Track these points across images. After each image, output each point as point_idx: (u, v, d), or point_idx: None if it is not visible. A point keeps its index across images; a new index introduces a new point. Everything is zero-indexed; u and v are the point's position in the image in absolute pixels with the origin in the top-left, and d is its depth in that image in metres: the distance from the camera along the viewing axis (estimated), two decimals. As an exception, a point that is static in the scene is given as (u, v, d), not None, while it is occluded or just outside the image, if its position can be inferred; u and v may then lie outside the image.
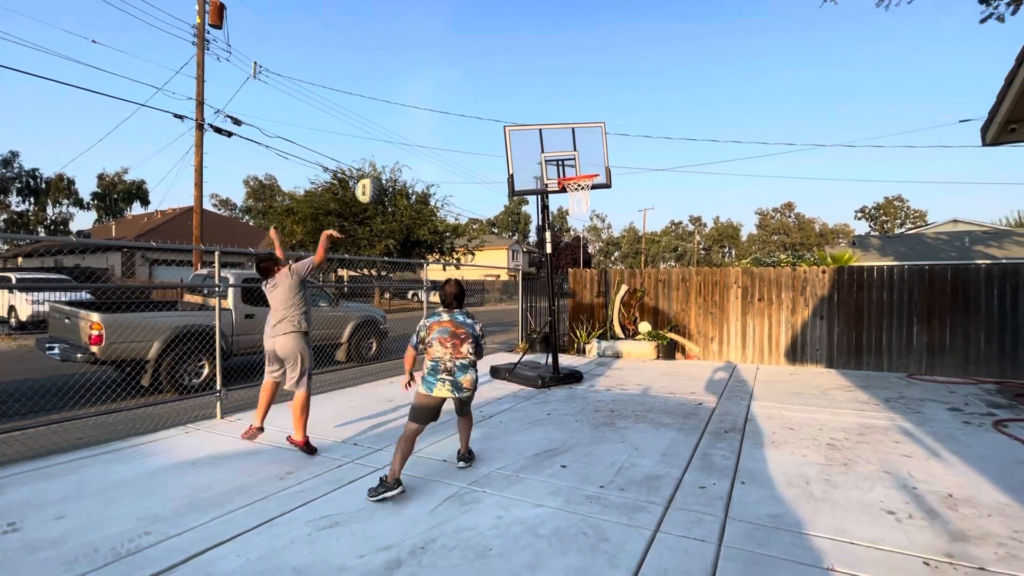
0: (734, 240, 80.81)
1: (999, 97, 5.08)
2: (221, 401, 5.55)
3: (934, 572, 2.51)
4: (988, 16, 11.09)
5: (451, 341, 3.69)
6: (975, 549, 2.72)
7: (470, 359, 3.75)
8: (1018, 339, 7.60)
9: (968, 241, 24.37)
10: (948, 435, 4.75)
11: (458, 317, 3.81)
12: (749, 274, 9.47)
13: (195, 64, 15.44)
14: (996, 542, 2.80)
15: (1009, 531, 2.92)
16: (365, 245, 22.77)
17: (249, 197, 60.54)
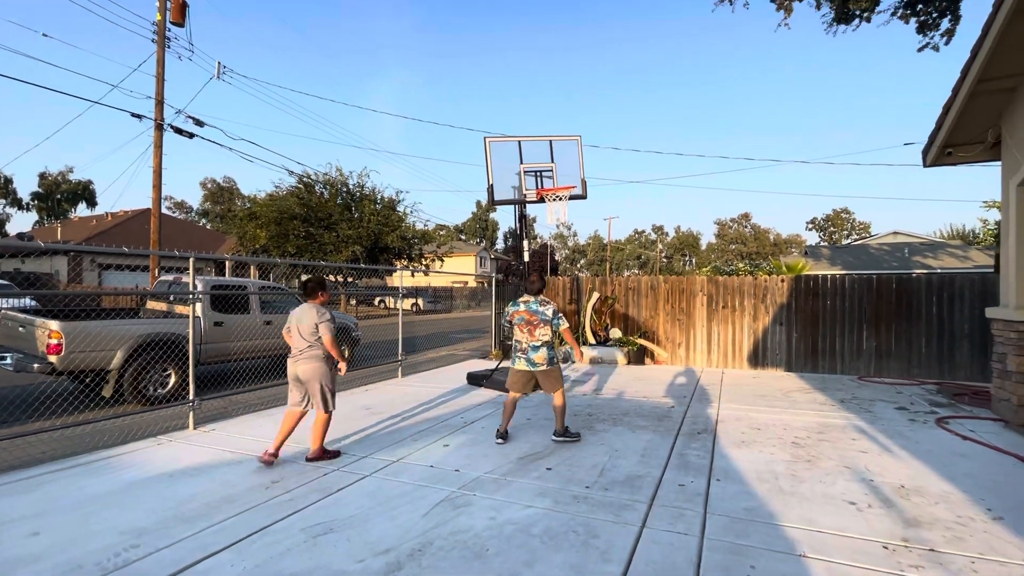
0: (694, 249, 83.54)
1: (937, 123, 5.58)
2: (194, 411, 5.40)
3: (892, 555, 2.76)
4: (925, 45, 12.07)
5: (527, 327, 4.63)
6: (926, 533, 3.01)
7: (542, 340, 4.63)
8: (954, 343, 8.26)
9: (908, 252, 26.14)
10: (897, 432, 5.15)
11: (532, 306, 4.64)
12: (714, 282, 9.91)
13: (155, 62, 14.90)
14: (944, 526, 3.09)
15: (954, 516, 3.23)
16: (331, 251, 22.34)
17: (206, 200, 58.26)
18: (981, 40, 4.82)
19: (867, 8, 11.55)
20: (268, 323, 8.36)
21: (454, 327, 21.84)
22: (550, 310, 4.63)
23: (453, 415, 5.92)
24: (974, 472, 4.01)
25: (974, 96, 5.28)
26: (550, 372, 4.68)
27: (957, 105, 5.39)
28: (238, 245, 24.28)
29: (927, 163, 6.20)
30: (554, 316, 4.64)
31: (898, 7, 11.85)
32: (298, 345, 4.34)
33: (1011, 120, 5.33)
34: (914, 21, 11.81)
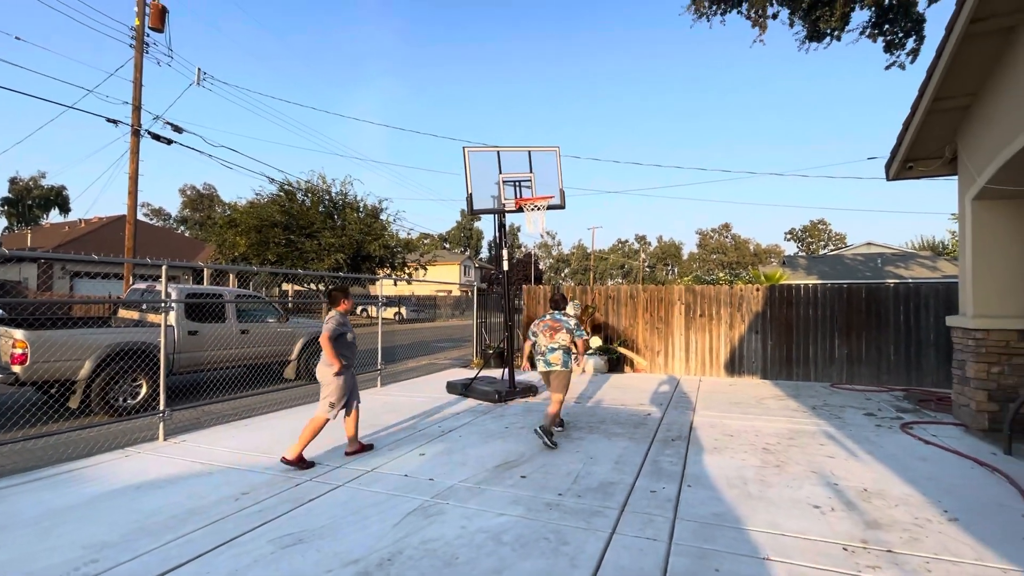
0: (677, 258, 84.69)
1: (899, 139, 5.81)
2: (165, 422, 5.30)
3: (851, 556, 2.84)
4: (892, 63, 12.56)
5: (548, 331, 5.31)
6: (885, 535, 3.10)
7: (559, 344, 5.24)
8: (921, 351, 8.53)
9: (880, 262, 26.89)
10: (864, 437, 5.30)
11: (556, 315, 5.44)
12: (692, 291, 10.08)
13: (132, 67, 14.70)
14: (902, 528, 3.20)
15: (912, 518, 3.34)
16: (313, 259, 22.13)
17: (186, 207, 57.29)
18: (936, 61, 5.06)
19: (837, 27, 11.98)
20: (245, 332, 8.25)
21: (437, 336, 21.75)
22: (572, 322, 5.45)
23: (431, 424, 5.91)
24: (934, 475, 4.15)
25: (931, 113, 5.52)
26: (560, 374, 5.26)
27: (916, 122, 5.63)
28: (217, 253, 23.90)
29: (890, 177, 6.44)
30: (576, 327, 5.45)
31: (866, 27, 12.32)
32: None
33: (965, 137, 5.58)
34: (881, 40, 12.29)
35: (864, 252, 31.05)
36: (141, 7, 14.80)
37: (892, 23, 12.03)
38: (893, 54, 12.39)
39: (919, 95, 5.48)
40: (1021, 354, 5.21)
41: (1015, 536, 3.08)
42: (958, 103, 5.42)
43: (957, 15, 4.68)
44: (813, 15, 12.12)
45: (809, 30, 12.69)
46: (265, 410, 6.70)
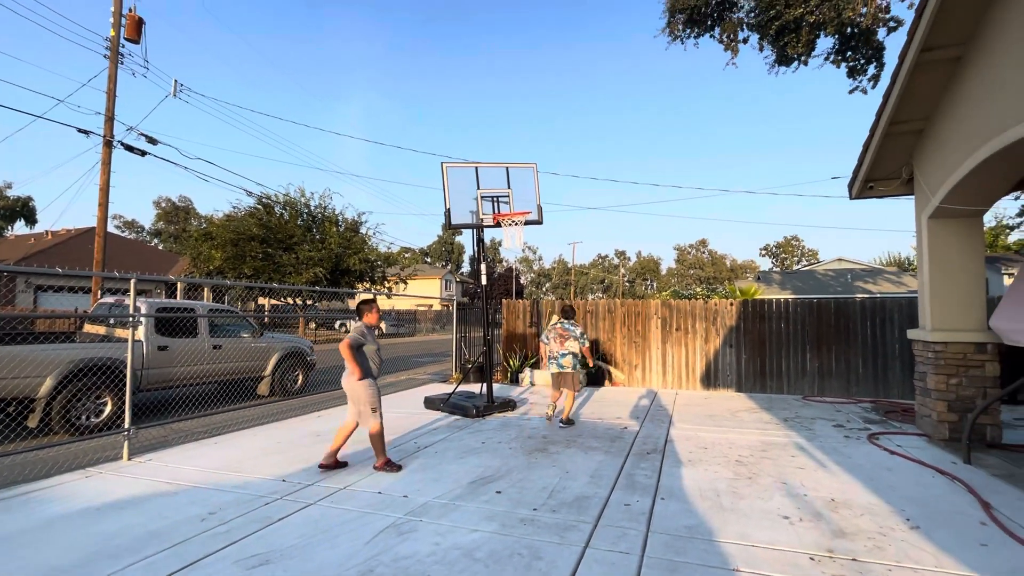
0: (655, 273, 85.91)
1: (859, 160, 6.08)
2: (129, 441, 5.13)
3: (817, 564, 2.90)
4: (855, 88, 13.16)
5: (558, 339, 6.43)
6: (850, 543, 3.17)
7: (569, 350, 6.38)
8: (887, 363, 8.80)
9: (850, 277, 27.75)
10: (833, 448, 5.42)
11: (565, 324, 6.49)
12: (668, 306, 10.24)
13: (106, 77, 14.47)
14: (866, 536, 3.28)
15: (876, 527, 3.43)
16: (291, 273, 21.82)
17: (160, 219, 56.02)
18: (891, 88, 5.33)
19: (803, 53, 12.52)
20: (217, 347, 8.07)
21: (416, 351, 21.55)
22: (578, 330, 6.49)
23: (407, 440, 5.84)
24: (898, 485, 4.27)
25: (888, 136, 5.80)
26: (571, 375, 6.45)
27: (874, 144, 5.90)
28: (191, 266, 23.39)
29: (852, 196, 6.72)
30: (581, 336, 6.47)
31: (831, 53, 12.91)
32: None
33: (920, 158, 5.87)
34: (845, 66, 12.89)
35: (835, 268, 32.01)
36: (117, 18, 14.63)
37: (854, 50, 12.65)
38: (856, 79, 13.00)
39: (876, 119, 5.76)
40: (977, 366, 5.43)
41: (973, 543, 3.18)
42: (912, 127, 5.71)
43: (909, 45, 4.96)
44: (781, 41, 12.66)
45: (778, 55, 13.25)
46: (236, 427, 6.53)
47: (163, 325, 7.48)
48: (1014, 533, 3.28)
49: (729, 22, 13.88)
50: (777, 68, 13.74)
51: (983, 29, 4.61)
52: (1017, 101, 4.11)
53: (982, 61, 4.65)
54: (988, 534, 3.30)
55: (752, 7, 12.93)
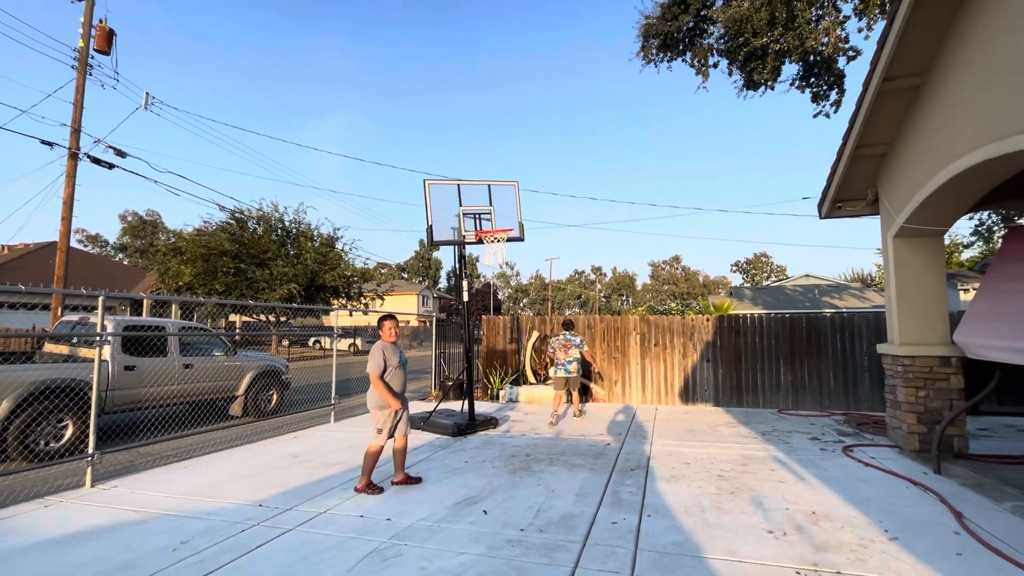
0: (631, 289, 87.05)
1: (828, 182, 6.34)
2: (93, 466, 4.87)
3: (804, 579, 2.94)
4: (819, 112, 13.79)
5: (563, 348, 7.71)
6: (834, 556, 3.23)
7: (573, 357, 7.69)
8: (857, 377, 9.08)
9: (818, 293, 28.67)
10: (810, 461, 5.54)
11: (568, 335, 7.83)
12: (646, 321, 10.37)
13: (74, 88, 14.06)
14: (848, 549, 3.34)
15: (857, 539, 3.50)
16: (264, 289, 21.30)
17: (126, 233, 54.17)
18: (855, 114, 5.61)
19: (769, 78, 13.08)
20: (188, 367, 7.79)
21: (393, 368, 21.20)
22: (578, 339, 7.83)
23: (387, 461, 5.69)
24: (874, 496, 4.37)
25: (854, 160, 6.08)
26: (576, 378, 7.84)
27: (841, 167, 6.18)
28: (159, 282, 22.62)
29: (822, 216, 6.99)
30: (580, 343, 7.79)
31: (795, 79, 13.53)
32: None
33: (884, 180, 6.17)
34: (809, 91, 13.50)
35: (803, 283, 33.05)
36: (87, 29, 14.29)
37: (817, 77, 13.28)
38: (819, 104, 13.63)
39: (843, 143, 6.04)
40: (944, 379, 5.65)
41: (949, 552, 3.28)
42: (876, 151, 6.00)
43: (872, 73, 5.24)
44: (749, 67, 13.21)
45: (746, 79, 13.81)
46: (209, 450, 6.28)
47: (130, 344, 7.19)
48: (986, 542, 3.39)
49: (700, 48, 14.44)
50: (745, 92, 14.32)
51: (939, 61, 4.91)
52: (969, 130, 4.37)
53: (939, 91, 4.94)
54: (962, 543, 3.41)
55: (721, 34, 13.48)
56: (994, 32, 4.13)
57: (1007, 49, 3.95)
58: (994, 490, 4.46)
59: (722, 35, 13.49)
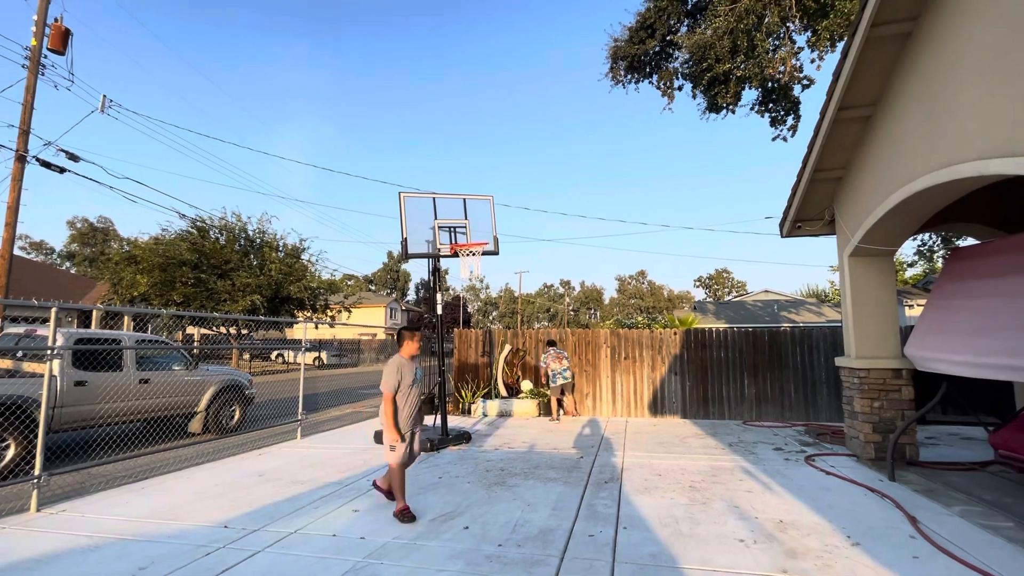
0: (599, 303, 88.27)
1: (788, 203, 6.67)
2: (39, 489, 4.56)
3: (776, 586, 3.03)
4: (776, 136, 14.53)
5: (557, 359, 9.14)
6: (802, 563, 3.35)
7: (567, 365, 9.20)
8: (816, 388, 9.47)
9: (777, 308, 29.82)
10: (776, 471, 5.73)
11: (556, 349, 9.35)
12: (617, 335, 10.55)
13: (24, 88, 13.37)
14: (815, 555, 3.47)
15: (823, 545, 3.64)
16: (226, 300, 20.54)
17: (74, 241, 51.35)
18: (813, 140, 5.96)
19: (731, 102, 13.71)
20: (145, 381, 7.42)
21: (361, 382, 20.75)
22: (565, 352, 9.48)
23: (358, 477, 5.57)
24: (836, 503, 4.56)
25: (812, 182, 6.44)
26: (572, 383, 9.44)
27: (801, 189, 6.53)
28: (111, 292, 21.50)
29: (783, 235, 7.34)
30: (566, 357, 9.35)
31: (755, 104, 14.23)
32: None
33: (840, 202, 6.55)
34: (767, 116, 14.22)
35: (763, 299, 34.34)
36: (40, 27, 13.65)
37: (775, 103, 14.02)
38: (777, 128, 14.37)
39: (803, 166, 6.39)
40: (896, 390, 5.98)
41: (907, 556, 3.45)
42: (833, 175, 6.37)
43: (828, 103, 5.59)
44: (712, 91, 13.82)
45: (709, 103, 14.44)
46: (167, 469, 5.98)
47: (81, 358, 6.80)
48: (939, 545, 3.59)
49: (666, 71, 15.04)
50: (708, 115, 14.97)
51: (888, 94, 5.29)
52: (915, 159, 4.72)
53: (888, 121, 5.32)
54: (918, 547, 3.59)
55: (686, 59, 14.08)
56: (935, 72, 4.49)
57: (946, 89, 4.31)
58: (943, 495, 4.73)
59: (687, 60, 14.09)
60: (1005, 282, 4.60)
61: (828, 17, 11.21)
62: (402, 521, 4.11)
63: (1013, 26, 3.63)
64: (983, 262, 5.10)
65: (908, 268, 33.12)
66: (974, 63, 4.01)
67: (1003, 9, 3.72)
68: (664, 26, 14.18)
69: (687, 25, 14.29)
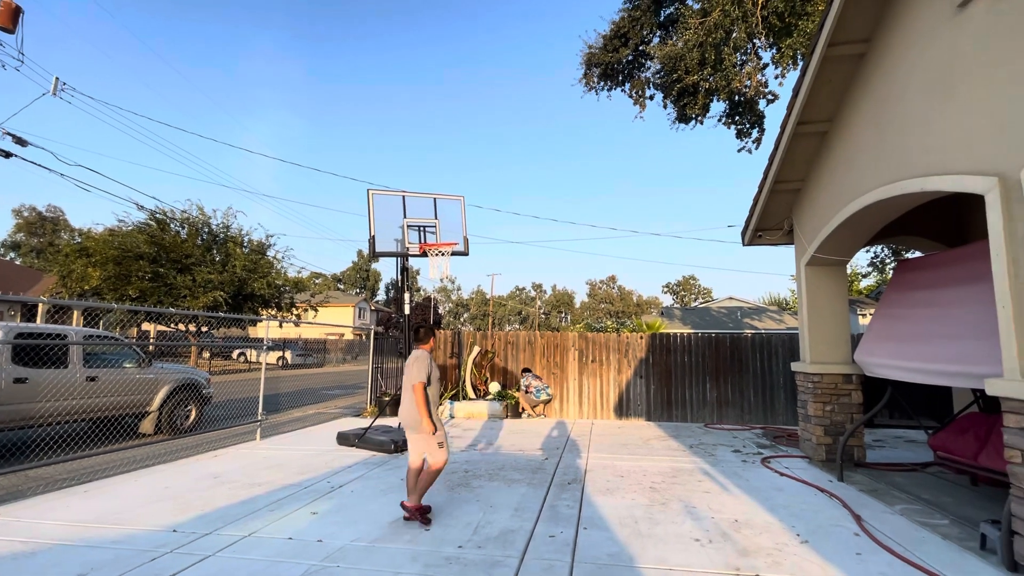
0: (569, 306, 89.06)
1: (750, 213, 6.89)
2: (-30, 493, 4.28)
3: (727, 583, 3.12)
4: (742, 148, 15.00)
5: (536, 380, 9.88)
6: (753, 560, 3.45)
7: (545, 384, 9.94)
8: (774, 393, 9.81)
9: (740, 315, 30.75)
10: (733, 472, 5.90)
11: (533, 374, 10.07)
12: (585, 338, 10.67)
13: (-33, 67, 12.55)
14: (766, 553, 3.59)
15: (774, 543, 3.77)
16: (187, 296, 19.79)
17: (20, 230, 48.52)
18: (774, 152, 6.19)
19: (700, 114, 14.10)
20: (92, 379, 7.06)
21: (326, 382, 20.30)
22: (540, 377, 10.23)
23: (319, 479, 5.45)
24: (788, 503, 4.73)
25: (773, 193, 6.69)
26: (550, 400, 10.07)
27: (762, 200, 6.77)
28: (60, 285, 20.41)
29: (745, 243, 7.59)
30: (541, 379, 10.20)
31: (723, 116, 14.66)
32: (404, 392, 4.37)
33: (798, 213, 6.82)
34: (734, 128, 14.67)
35: (727, 305, 35.36)
36: (-12, 2, 12.88)
37: (741, 116, 14.49)
38: (743, 140, 14.84)
39: (764, 178, 6.63)
40: (846, 394, 6.25)
41: (850, 552, 3.61)
42: (792, 186, 6.63)
43: (787, 118, 5.82)
44: (682, 101, 14.18)
45: (679, 113, 14.80)
46: (114, 471, 5.71)
47: (23, 353, 6.43)
48: (881, 542, 3.76)
49: (638, 80, 15.35)
50: (678, 125, 15.35)
51: (843, 111, 5.55)
52: (866, 173, 4.96)
53: (842, 137, 5.57)
54: (861, 544, 3.76)
55: (658, 69, 14.41)
56: (884, 92, 4.74)
57: (893, 109, 4.55)
58: (887, 495, 4.97)
59: (659, 70, 14.42)
60: (943, 293, 4.89)
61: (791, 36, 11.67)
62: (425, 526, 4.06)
63: (948, 55, 3.87)
64: (925, 274, 5.40)
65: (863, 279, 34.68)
66: (917, 86, 4.26)
67: (940, 37, 3.96)
68: (637, 36, 14.47)
69: (659, 36, 14.63)
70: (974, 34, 3.71)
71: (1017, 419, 3.28)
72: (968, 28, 3.76)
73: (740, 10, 11.28)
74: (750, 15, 11.46)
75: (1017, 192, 3.33)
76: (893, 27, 4.63)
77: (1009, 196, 3.40)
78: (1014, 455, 3.31)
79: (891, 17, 4.66)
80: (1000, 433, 3.64)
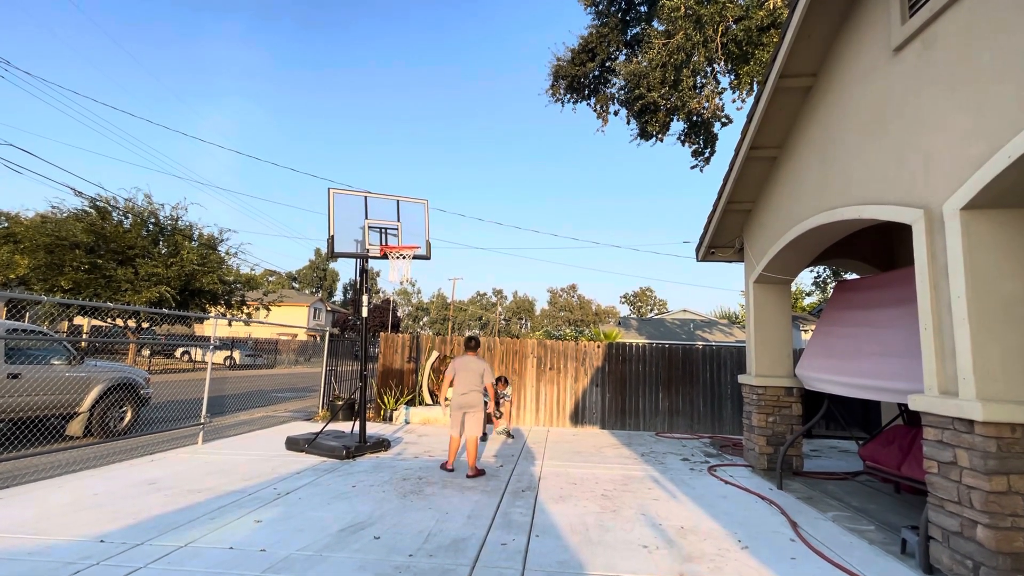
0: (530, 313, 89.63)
1: (704, 230, 7.18)
2: None
3: (671, 588, 3.22)
4: (695, 166, 15.62)
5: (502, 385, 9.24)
6: (696, 566, 3.58)
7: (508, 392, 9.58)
8: (722, 403, 10.21)
9: (693, 327, 31.84)
10: (681, 480, 6.09)
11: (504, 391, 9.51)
12: (543, 345, 10.78)
13: None
14: (709, 559, 3.72)
15: (716, 549, 3.92)
16: (128, 290, 18.61)
17: (-66, 211, 44.31)
18: (728, 174, 6.50)
19: (660, 131, 14.61)
20: (15, 376, 6.54)
21: (276, 384, 19.55)
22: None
23: (265, 486, 5.25)
24: (731, 511, 4.93)
25: (726, 213, 7.01)
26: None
27: (715, 218, 7.08)
28: (-21, 273, 18.78)
29: (699, 259, 7.91)
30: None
31: (681, 135, 15.24)
32: (468, 385, 6.09)
33: (748, 233, 7.17)
34: (690, 147, 15.28)
35: (681, 317, 36.55)
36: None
37: (696, 136, 15.11)
38: (697, 159, 15.47)
39: (718, 197, 6.93)
40: (787, 406, 6.59)
41: (786, 557, 3.80)
42: (744, 207, 6.97)
43: (741, 142, 6.13)
44: (643, 118, 14.65)
45: (640, 130, 15.27)
46: (37, 476, 5.29)
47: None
48: (813, 547, 3.98)
49: (603, 95, 15.75)
50: (639, 140, 15.83)
51: (792, 138, 5.90)
52: (810, 199, 5.29)
53: (790, 162, 5.92)
54: (796, 549, 3.97)
55: (622, 85, 14.84)
56: (828, 124, 5.07)
57: (835, 140, 4.88)
58: (820, 502, 5.27)
59: (623, 86, 14.85)
60: (874, 313, 5.25)
61: (749, 63, 12.30)
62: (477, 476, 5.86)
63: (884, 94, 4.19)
64: (860, 295, 5.78)
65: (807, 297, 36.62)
66: (857, 120, 4.58)
67: (878, 77, 4.28)
68: (604, 52, 14.87)
69: (625, 54, 15.08)
70: (906, 77, 4.04)
71: (936, 432, 3.56)
72: (901, 71, 4.09)
73: (701, 35, 11.78)
74: (710, 41, 11.98)
75: (939, 223, 3.63)
76: (838, 64, 4.97)
77: (932, 227, 3.70)
78: (932, 466, 3.58)
79: (837, 55, 5.01)
80: (921, 445, 3.93)
